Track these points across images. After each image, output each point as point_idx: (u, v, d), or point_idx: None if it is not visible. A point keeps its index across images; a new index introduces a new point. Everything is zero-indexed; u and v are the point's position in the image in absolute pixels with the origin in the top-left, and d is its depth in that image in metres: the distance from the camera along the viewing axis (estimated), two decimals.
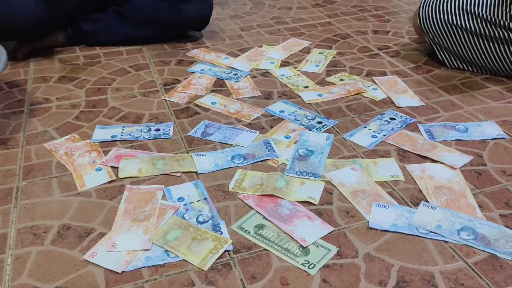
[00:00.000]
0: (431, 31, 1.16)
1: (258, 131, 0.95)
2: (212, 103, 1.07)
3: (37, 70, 1.24)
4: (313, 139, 0.92)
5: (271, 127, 0.98)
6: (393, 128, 0.96)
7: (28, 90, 1.14)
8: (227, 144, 0.92)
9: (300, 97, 1.09)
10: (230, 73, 1.21)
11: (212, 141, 0.93)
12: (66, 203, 0.78)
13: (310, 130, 0.96)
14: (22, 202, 0.79)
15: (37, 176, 0.85)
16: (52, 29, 1.31)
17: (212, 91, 1.13)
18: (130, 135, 0.96)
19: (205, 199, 0.79)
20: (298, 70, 1.22)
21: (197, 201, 0.78)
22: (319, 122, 0.99)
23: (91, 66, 1.26)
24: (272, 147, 0.90)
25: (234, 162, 0.87)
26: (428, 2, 1.17)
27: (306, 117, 1.01)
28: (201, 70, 1.23)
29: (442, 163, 0.85)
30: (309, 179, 0.82)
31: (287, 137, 0.94)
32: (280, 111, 1.03)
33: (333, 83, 1.15)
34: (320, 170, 0.84)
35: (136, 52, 1.34)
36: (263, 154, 0.88)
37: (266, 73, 1.21)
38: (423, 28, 1.18)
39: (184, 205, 0.77)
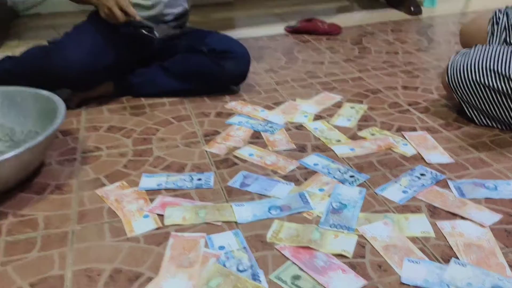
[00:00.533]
0: (460, 89, 1.21)
1: (293, 183, 1.01)
2: (249, 154, 1.14)
3: (88, 119, 1.35)
4: (346, 193, 0.97)
5: (306, 179, 1.03)
6: (423, 184, 1.00)
7: (80, 139, 1.24)
8: (264, 195, 0.98)
9: (333, 150, 1.15)
10: (266, 125, 1.28)
11: (250, 192, 0.99)
12: (117, 248, 0.85)
13: (343, 183, 1.01)
14: (77, 246, 0.86)
15: (90, 221, 0.92)
16: (102, 80, 1.42)
17: (249, 142, 1.20)
18: (174, 184, 1.03)
19: (244, 248, 0.84)
20: (331, 124, 1.28)
21: (237, 249, 0.83)
22: (352, 176, 1.04)
23: (137, 116, 1.36)
24: (307, 199, 0.95)
25: (271, 213, 0.92)
26: (457, 62, 1.22)
27: (339, 170, 1.06)
28: (239, 122, 1.30)
29: (472, 220, 0.88)
30: (343, 232, 0.86)
31: (321, 190, 0.99)
32: (314, 164, 1.09)
33: (365, 138, 1.21)
34: (353, 223, 0.88)
35: (178, 104, 1.43)
36: (299, 206, 0.94)
37: (300, 126, 1.28)
38: (452, 86, 1.23)
39: (225, 253, 0.83)
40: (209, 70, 1.36)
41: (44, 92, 1.16)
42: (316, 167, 1.08)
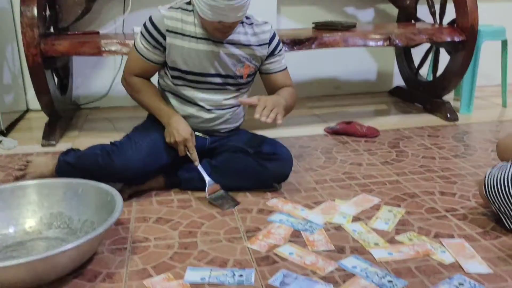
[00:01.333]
0: (497, 201, 1.24)
1: (332, 285, 1.04)
2: (289, 253, 1.19)
3: (138, 210, 1.44)
4: None
5: (344, 282, 1.06)
6: None
7: (131, 229, 1.33)
8: None
9: (371, 253, 1.18)
10: (306, 224, 1.33)
11: None
12: None
13: None
14: None
15: None
16: (154, 175, 1.54)
17: (289, 241, 1.25)
18: (217, 278, 1.08)
19: None
20: (369, 227, 1.32)
21: None
22: (390, 281, 1.06)
23: (183, 209, 1.45)
24: None
25: None
26: (494, 175, 1.26)
27: (377, 274, 1.08)
28: (280, 220, 1.36)
29: None
30: None
31: None
32: (353, 267, 1.12)
33: (402, 242, 1.24)
34: None
35: None
36: None
37: (338, 227, 1.32)
38: (489, 198, 1.26)
39: None
40: (253, 170, 1.46)
41: (104, 186, 1.27)
42: (354, 270, 1.11)
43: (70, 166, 1.51)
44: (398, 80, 2.96)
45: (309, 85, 2.88)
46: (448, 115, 2.37)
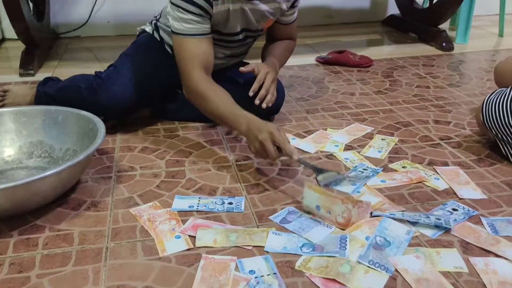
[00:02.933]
0: (495, 128, 1.21)
1: (334, 227, 0.97)
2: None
3: (123, 139, 1.39)
4: (393, 230, 0.94)
5: None
6: (455, 219, 0.99)
7: (116, 158, 1.28)
8: (298, 235, 0.95)
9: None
10: None
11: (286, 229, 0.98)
12: (149, 266, 0.86)
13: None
14: (111, 262, 0.88)
15: (124, 239, 0.94)
16: (142, 108, 1.46)
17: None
18: (205, 206, 1.05)
19: (275, 274, 0.84)
20: (362, 155, 1.29)
21: (267, 275, 0.84)
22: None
23: (170, 139, 1.39)
24: (346, 245, 0.90)
25: (301, 250, 0.90)
26: (493, 101, 1.22)
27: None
28: None
29: (506, 258, 0.87)
30: (379, 271, 0.84)
31: (367, 238, 0.93)
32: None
33: (396, 170, 1.21)
34: (392, 265, 0.86)
35: (210, 128, 1.46)
36: (332, 250, 0.89)
37: (330, 156, 1.29)
38: (487, 125, 1.23)
39: (255, 277, 0.83)
40: (245, 102, 1.37)
41: (85, 113, 1.20)
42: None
43: (50, 97, 1.43)
44: (392, 9, 2.84)
45: (299, 13, 2.74)
46: (444, 44, 2.30)
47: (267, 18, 1.40)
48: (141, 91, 1.37)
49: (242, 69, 1.36)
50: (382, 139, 1.38)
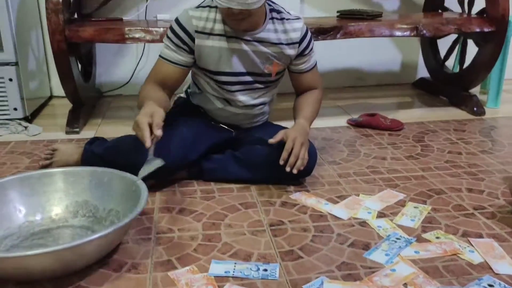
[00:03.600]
0: None
1: None
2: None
3: (162, 200, 1.44)
4: None
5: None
6: None
7: (155, 219, 1.33)
8: None
9: None
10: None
11: None
12: None
13: None
14: None
15: None
16: (180, 168, 1.53)
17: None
18: (241, 272, 1.08)
19: None
20: (394, 223, 1.30)
21: None
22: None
23: (207, 200, 1.44)
24: None
25: None
26: None
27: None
28: None
29: None
30: None
31: None
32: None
33: (429, 240, 1.22)
34: None
35: (245, 190, 1.51)
36: None
37: (363, 223, 1.31)
38: None
39: None
40: (276, 163, 1.42)
41: (129, 175, 1.27)
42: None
43: (97, 156, 1.52)
44: (422, 72, 2.90)
45: (331, 75, 2.85)
46: (475, 108, 2.32)
47: (271, 62, 1.47)
48: (180, 153, 1.44)
49: (271, 141, 1.43)
50: (414, 207, 1.39)
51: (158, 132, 1.19)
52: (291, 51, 1.49)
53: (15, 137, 2.01)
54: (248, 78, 1.48)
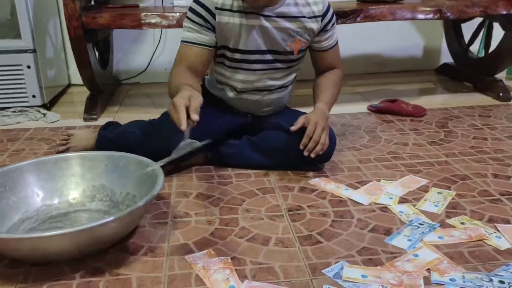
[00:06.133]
0: None
1: (388, 286, 0.94)
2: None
3: (178, 185, 1.43)
4: None
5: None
6: None
7: (172, 204, 1.31)
8: None
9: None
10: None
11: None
12: None
13: None
14: None
15: (179, 286, 0.96)
16: (193, 154, 1.51)
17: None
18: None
19: None
20: (417, 209, 1.26)
21: None
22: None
23: (224, 185, 1.42)
24: None
25: None
26: None
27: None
28: None
29: None
30: None
31: None
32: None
33: (454, 226, 1.17)
34: None
35: (263, 176, 1.48)
36: None
37: (384, 208, 1.27)
38: None
39: None
40: (295, 149, 1.40)
41: (145, 159, 1.26)
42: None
43: (109, 141, 1.51)
44: (445, 58, 2.82)
45: (351, 61, 2.79)
46: (501, 94, 2.24)
47: (294, 38, 1.43)
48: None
49: (292, 128, 1.39)
50: (438, 193, 1.35)
51: (195, 117, 1.12)
52: (314, 25, 1.44)
53: (34, 124, 2.02)
54: (268, 57, 1.45)
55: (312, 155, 1.36)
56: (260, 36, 1.40)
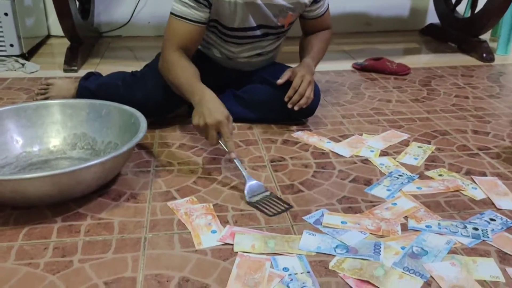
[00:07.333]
0: None
1: (368, 233, 0.96)
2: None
3: (161, 136, 1.42)
4: (432, 241, 0.93)
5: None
6: (493, 229, 0.98)
7: (154, 153, 1.31)
8: (333, 237, 0.95)
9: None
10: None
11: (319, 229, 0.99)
12: (186, 258, 0.89)
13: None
14: (149, 252, 0.90)
15: (161, 231, 0.97)
16: (177, 106, 1.49)
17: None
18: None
19: (308, 272, 0.85)
20: (397, 161, 1.28)
21: (301, 273, 0.85)
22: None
23: None
24: (380, 251, 0.90)
25: (335, 251, 0.91)
26: None
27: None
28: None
29: None
30: (414, 277, 0.84)
31: (403, 248, 0.92)
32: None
33: (432, 178, 1.20)
34: (427, 271, 0.85)
35: (247, 129, 1.48)
36: (366, 253, 0.89)
37: (365, 161, 1.29)
38: None
39: (288, 275, 0.84)
40: (279, 103, 1.39)
41: (128, 108, 1.24)
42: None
43: (90, 92, 1.48)
44: (431, 18, 2.81)
45: (337, 20, 2.75)
46: (484, 55, 2.26)
47: (286, 14, 1.40)
48: (165, 91, 1.39)
49: (279, 81, 1.38)
50: (418, 147, 1.37)
51: (233, 155, 1.12)
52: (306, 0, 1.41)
53: (12, 74, 1.97)
54: (259, 32, 1.42)
55: (296, 108, 1.36)
56: (253, 13, 1.36)
